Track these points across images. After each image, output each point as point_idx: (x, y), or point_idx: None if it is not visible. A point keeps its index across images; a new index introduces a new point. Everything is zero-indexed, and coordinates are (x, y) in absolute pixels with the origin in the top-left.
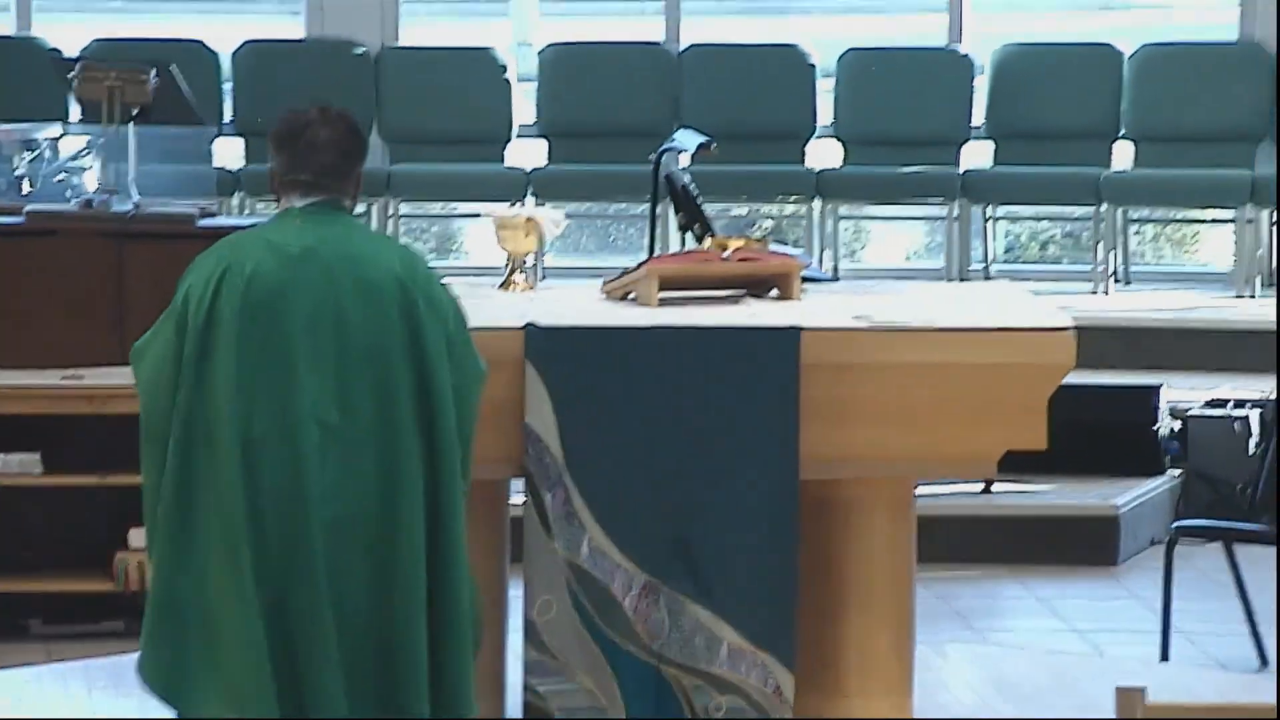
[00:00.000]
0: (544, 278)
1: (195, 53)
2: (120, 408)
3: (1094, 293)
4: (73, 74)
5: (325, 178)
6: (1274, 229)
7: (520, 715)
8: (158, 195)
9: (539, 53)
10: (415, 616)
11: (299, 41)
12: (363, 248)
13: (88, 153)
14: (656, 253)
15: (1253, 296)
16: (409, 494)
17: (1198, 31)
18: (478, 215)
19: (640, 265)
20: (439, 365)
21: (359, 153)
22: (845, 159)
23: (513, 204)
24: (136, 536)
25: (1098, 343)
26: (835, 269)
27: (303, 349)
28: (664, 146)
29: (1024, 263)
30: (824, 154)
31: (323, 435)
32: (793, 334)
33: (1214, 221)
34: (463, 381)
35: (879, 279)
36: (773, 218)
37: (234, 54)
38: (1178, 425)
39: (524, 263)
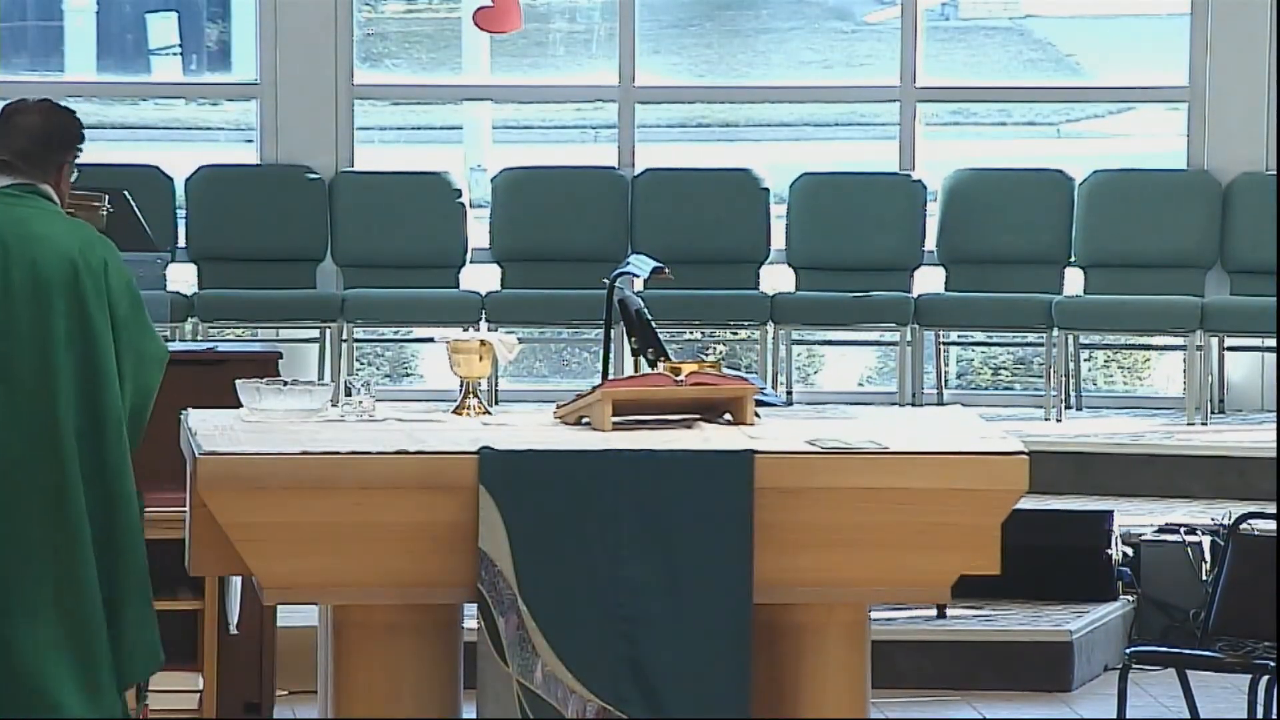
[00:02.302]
0: (498, 402)
1: (150, 178)
2: None
3: (1046, 418)
4: None
5: (22, 160)
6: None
7: None
8: None
9: (493, 178)
10: (87, 598)
11: (253, 167)
12: (45, 230)
13: None
14: (610, 377)
15: (1204, 423)
16: (69, 468)
17: (1147, 159)
18: (431, 340)
19: (594, 389)
20: (104, 347)
21: (62, 143)
22: (798, 284)
23: (466, 328)
24: None
25: (1050, 468)
26: (789, 393)
27: None
28: (618, 271)
29: (976, 388)
30: (777, 279)
31: None
32: (746, 458)
33: (1165, 348)
34: (136, 365)
35: (832, 403)
36: (726, 342)
37: (188, 180)
38: (1130, 551)
39: (478, 387)
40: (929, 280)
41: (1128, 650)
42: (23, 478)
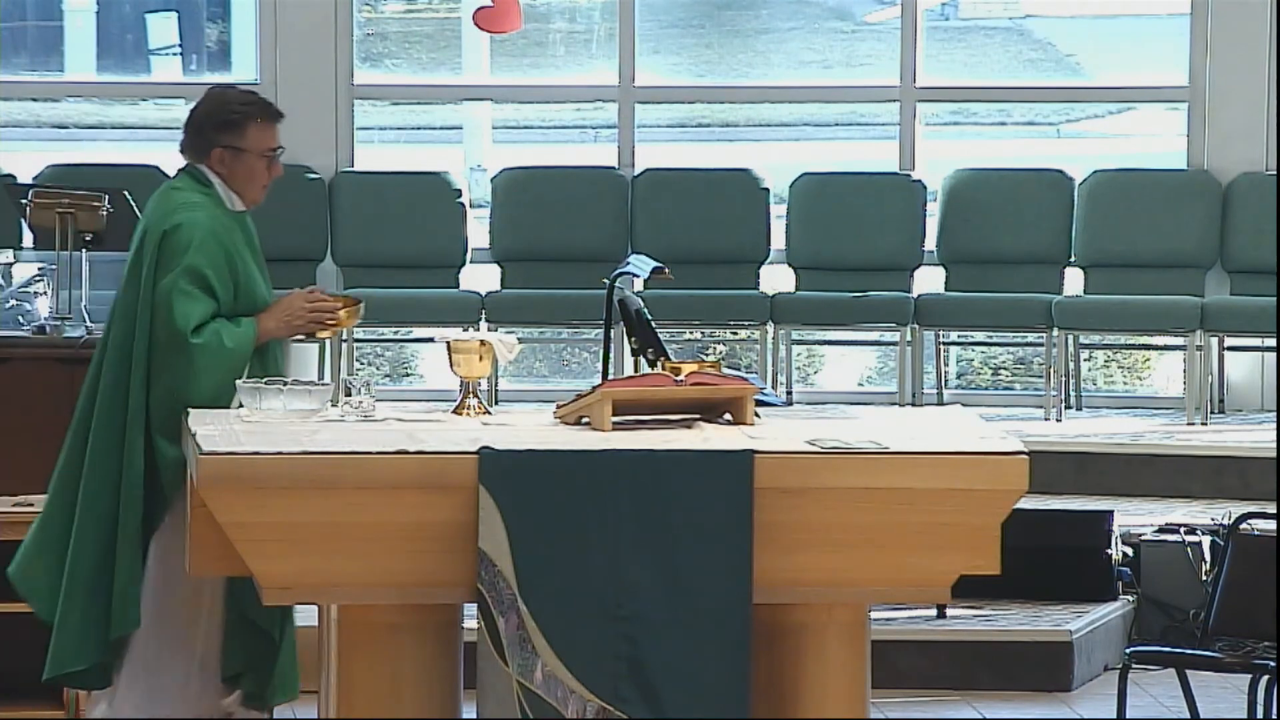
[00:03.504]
0: (498, 402)
1: (149, 178)
2: None
3: (1046, 418)
4: (25, 200)
5: (182, 145)
6: None
7: None
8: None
9: (493, 178)
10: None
11: None
12: (156, 203)
13: (40, 279)
14: (610, 377)
15: (1204, 423)
16: (98, 405)
17: (1147, 159)
18: (431, 339)
19: (594, 389)
20: (137, 307)
21: (203, 127)
22: (798, 284)
23: (466, 328)
24: None
25: (1050, 468)
26: (788, 393)
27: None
28: (618, 271)
29: (976, 388)
30: (777, 279)
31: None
32: (746, 458)
33: (1165, 348)
34: (156, 331)
35: (832, 403)
36: (726, 342)
37: None
38: (1130, 551)
39: (478, 387)
40: (929, 280)
41: (1128, 650)
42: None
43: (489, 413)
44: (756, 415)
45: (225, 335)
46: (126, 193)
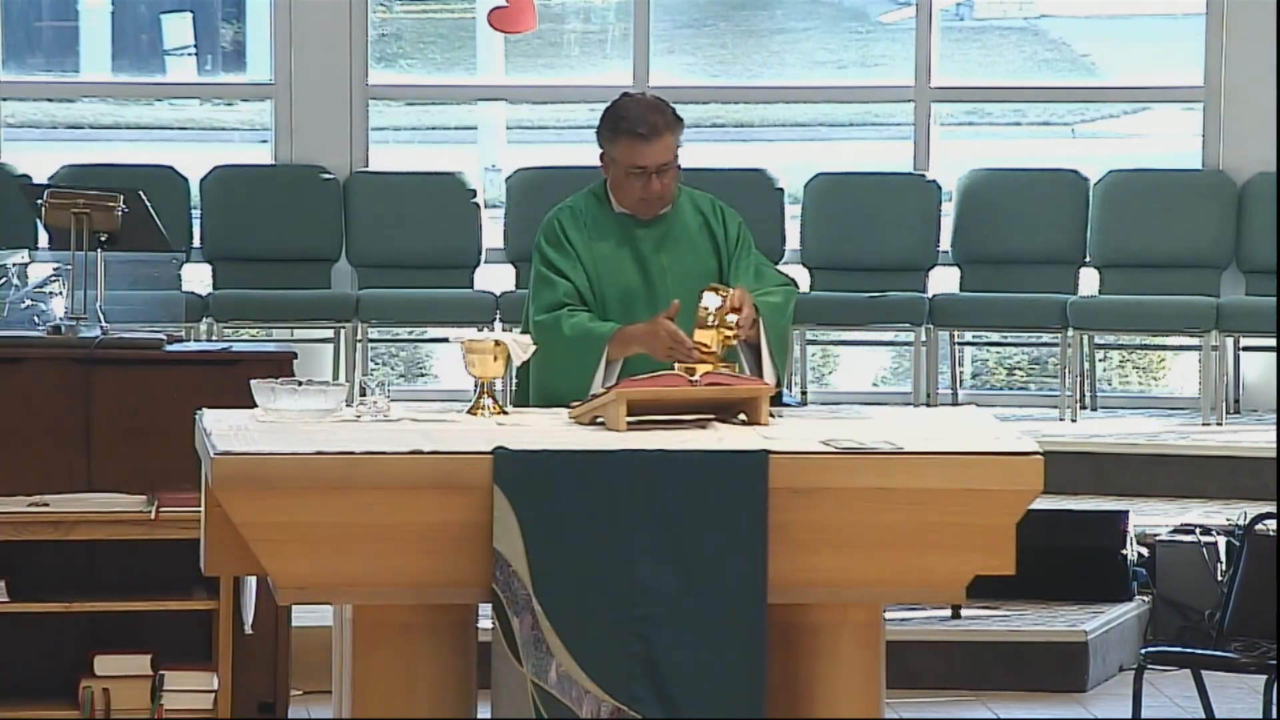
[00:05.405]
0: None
1: (164, 178)
2: (85, 534)
3: (1061, 418)
4: (41, 200)
5: None
6: None
7: None
8: (126, 321)
9: (507, 178)
10: None
11: (268, 167)
12: None
13: (55, 279)
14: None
15: (1219, 423)
16: None
17: (1163, 159)
18: (446, 339)
19: (608, 389)
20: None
21: (596, 131)
22: (813, 284)
23: (481, 328)
24: (102, 664)
25: (1065, 468)
26: (803, 394)
27: None
28: None
29: (991, 388)
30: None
31: None
32: (761, 458)
33: (1180, 348)
34: None
35: (847, 404)
36: None
37: (203, 180)
38: (1145, 552)
39: (493, 387)
40: (944, 280)
41: (1143, 651)
42: None
43: (504, 413)
44: (771, 415)
45: (565, 324)
46: (141, 193)
